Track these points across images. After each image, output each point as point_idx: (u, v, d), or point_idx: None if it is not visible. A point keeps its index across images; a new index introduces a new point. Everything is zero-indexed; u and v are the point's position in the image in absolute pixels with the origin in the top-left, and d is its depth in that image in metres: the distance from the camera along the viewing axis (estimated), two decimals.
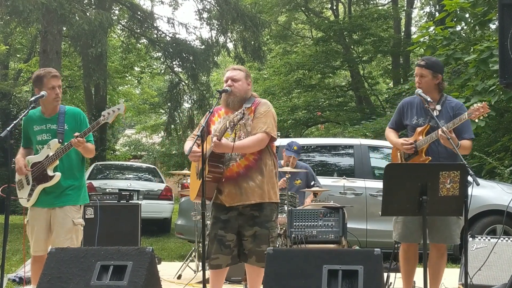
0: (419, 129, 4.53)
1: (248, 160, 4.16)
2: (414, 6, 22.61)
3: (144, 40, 16.56)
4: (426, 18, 21.85)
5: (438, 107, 4.52)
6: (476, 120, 4.45)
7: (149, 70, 23.31)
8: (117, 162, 17.52)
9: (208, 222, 4.39)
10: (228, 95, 4.20)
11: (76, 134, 4.34)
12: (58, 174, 4.44)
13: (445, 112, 4.47)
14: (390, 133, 4.79)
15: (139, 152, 28.46)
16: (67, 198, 4.48)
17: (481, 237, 5.35)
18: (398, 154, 4.67)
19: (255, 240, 4.14)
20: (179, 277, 6.33)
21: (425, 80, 4.51)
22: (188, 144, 4.31)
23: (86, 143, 4.38)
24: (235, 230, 4.18)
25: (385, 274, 4.91)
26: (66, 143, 4.40)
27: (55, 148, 4.43)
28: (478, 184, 3.74)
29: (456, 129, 4.34)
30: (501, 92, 8.29)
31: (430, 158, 4.43)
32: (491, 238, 5.34)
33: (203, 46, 15.61)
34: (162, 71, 18.33)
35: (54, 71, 4.57)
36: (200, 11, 15.91)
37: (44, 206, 4.48)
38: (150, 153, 27.34)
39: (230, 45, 16.33)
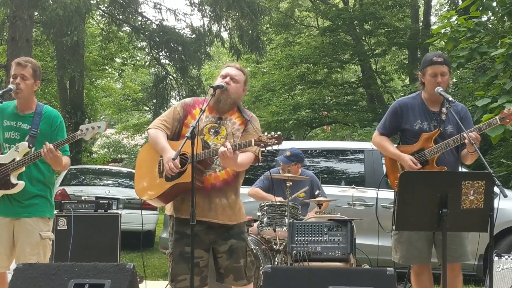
0: (425, 135, 4.52)
1: (227, 175, 4.15)
2: None
3: (127, 27, 16.57)
4: (447, 6, 21.89)
5: (444, 110, 4.52)
6: (510, 128, 4.44)
7: (132, 62, 23.33)
8: (94, 166, 17.50)
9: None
10: (222, 92, 4.16)
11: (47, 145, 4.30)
12: (21, 183, 4.41)
13: (450, 116, 4.48)
14: (384, 141, 4.73)
15: (119, 155, 28.49)
16: (34, 208, 4.44)
17: (508, 256, 5.35)
18: (398, 163, 4.65)
19: (232, 255, 4.13)
20: None
21: (446, 79, 4.52)
22: (160, 136, 4.14)
23: (58, 155, 4.32)
24: (205, 246, 4.14)
25: None
26: (36, 151, 4.38)
27: (23, 153, 4.41)
28: (505, 196, 3.74)
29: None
30: None
31: (445, 168, 4.43)
32: None
33: (193, 35, 15.63)
34: (147, 63, 18.32)
35: (22, 59, 4.54)
36: None
37: (7, 215, 4.43)
38: (132, 156, 27.34)
39: (225, 35, 16.36)
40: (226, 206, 4.13)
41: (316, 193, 6.80)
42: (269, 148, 3.88)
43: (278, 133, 3.89)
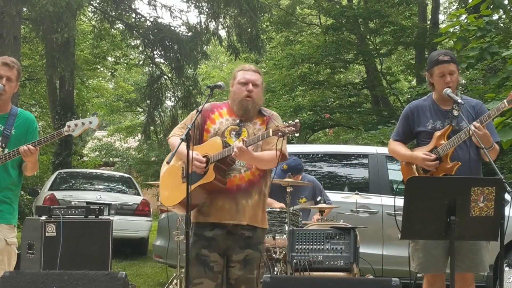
0: (438, 133, 4.56)
1: (253, 175, 4.22)
2: None
3: (120, 24, 16.57)
4: (456, 4, 21.92)
5: (456, 107, 4.55)
6: None
7: (125, 61, 23.32)
8: (84, 170, 17.50)
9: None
10: (247, 101, 4.24)
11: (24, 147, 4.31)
12: None
13: (465, 112, 4.50)
14: (398, 146, 4.80)
15: (111, 158, 28.45)
16: (0, 214, 4.44)
17: None
18: (413, 167, 4.67)
19: (246, 265, 4.16)
20: None
21: (455, 77, 4.55)
22: (177, 141, 4.25)
23: (36, 152, 4.34)
24: (221, 251, 4.19)
25: None
26: (9, 151, 4.39)
27: None
28: None
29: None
30: None
31: (459, 163, 4.44)
32: None
33: (190, 33, 15.63)
34: (141, 62, 18.32)
35: (9, 59, 4.56)
36: None
37: None
38: (125, 160, 27.34)
39: (223, 33, 16.37)
40: (255, 206, 4.20)
41: (318, 199, 6.79)
42: (288, 136, 3.96)
43: (296, 120, 3.95)
